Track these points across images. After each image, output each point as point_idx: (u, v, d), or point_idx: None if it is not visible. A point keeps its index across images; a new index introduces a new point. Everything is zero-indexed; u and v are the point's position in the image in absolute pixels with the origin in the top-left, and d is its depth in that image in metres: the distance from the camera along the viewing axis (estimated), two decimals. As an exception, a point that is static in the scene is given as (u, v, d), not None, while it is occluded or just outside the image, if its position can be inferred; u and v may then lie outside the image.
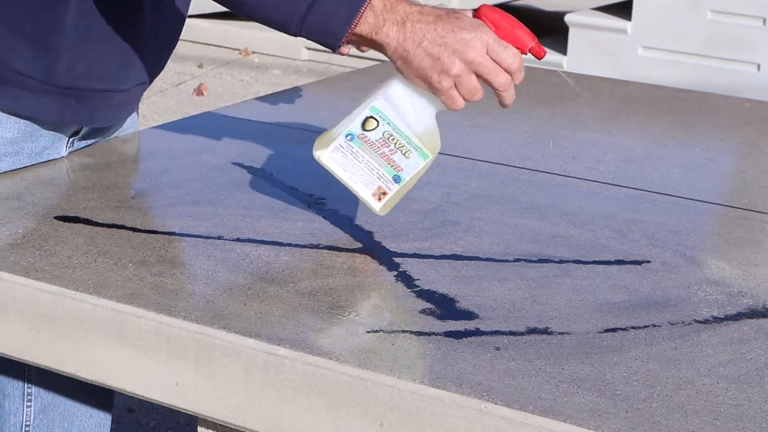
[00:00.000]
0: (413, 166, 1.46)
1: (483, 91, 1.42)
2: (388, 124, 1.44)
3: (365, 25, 1.39)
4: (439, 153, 1.91)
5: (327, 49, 1.58)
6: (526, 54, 1.43)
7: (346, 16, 1.39)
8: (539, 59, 1.45)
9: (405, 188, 1.48)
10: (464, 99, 1.41)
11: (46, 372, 1.40)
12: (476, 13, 1.42)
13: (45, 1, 1.54)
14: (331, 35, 1.41)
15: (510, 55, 1.40)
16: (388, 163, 1.45)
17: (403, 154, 1.45)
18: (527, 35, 1.44)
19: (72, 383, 1.46)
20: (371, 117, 1.44)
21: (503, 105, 1.44)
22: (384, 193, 1.46)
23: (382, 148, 1.45)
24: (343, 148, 1.45)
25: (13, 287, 1.34)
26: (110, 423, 1.73)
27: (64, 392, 1.64)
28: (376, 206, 1.48)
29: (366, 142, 1.45)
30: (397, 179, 1.46)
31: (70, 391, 1.64)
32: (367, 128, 1.44)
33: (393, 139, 1.44)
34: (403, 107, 1.45)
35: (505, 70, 1.40)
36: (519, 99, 2.33)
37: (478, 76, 1.40)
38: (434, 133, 1.47)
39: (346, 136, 1.45)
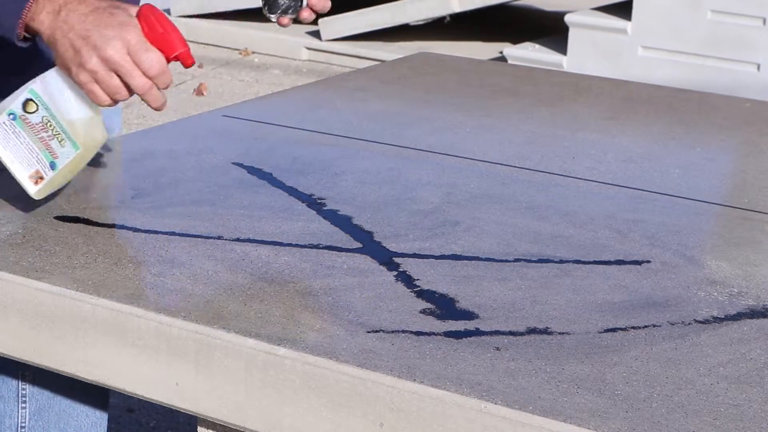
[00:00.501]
0: (66, 156, 1.47)
1: (126, 92, 1.41)
2: (46, 109, 1.45)
3: (29, 13, 1.40)
4: (440, 153, 1.92)
5: (326, 49, 1.59)
6: (171, 60, 1.42)
7: (14, 7, 1.40)
8: (186, 67, 1.45)
9: (61, 176, 1.48)
10: (108, 96, 1.41)
11: (41, 372, 1.40)
12: (138, 11, 1.43)
13: None
14: (3, 27, 1.42)
15: (149, 59, 1.39)
16: (47, 149, 1.45)
17: (59, 142, 1.45)
18: (179, 41, 1.43)
19: (68, 383, 1.46)
20: (30, 99, 1.45)
21: (152, 107, 1.43)
22: (41, 178, 1.46)
23: (41, 132, 1.45)
24: (6, 126, 1.45)
25: (13, 287, 1.34)
26: (107, 422, 1.73)
27: (60, 392, 1.64)
28: (32, 189, 1.47)
29: (27, 124, 1.45)
30: (53, 166, 1.46)
31: (66, 390, 1.64)
32: (28, 110, 1.45)
33: (51, 125, 1.45)
34: (58, 95, 1.45)
35: (144, 73, 1.39)
36: (519, 99, 2.33)
37: (119, 75, 1.40)
38: (94, 126, 1.48)
39: (9, 115, 1.45)
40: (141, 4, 1.47)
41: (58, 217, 1.51)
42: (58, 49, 1.40)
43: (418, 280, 1.39)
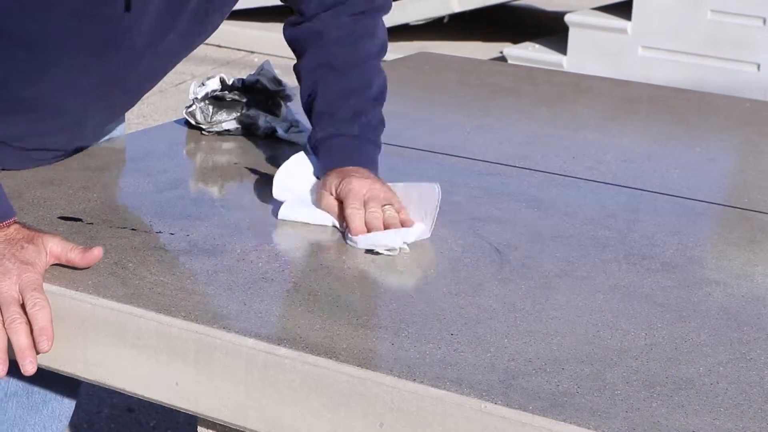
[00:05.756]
0: None
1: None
2: None
3: None
4: (440, 153, 1.92)
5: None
6: None
7: None
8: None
9: None
10: None
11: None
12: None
13: None
14: None
15: (34, 298, 1.30)
16: None
17: None
18: None
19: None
20: None
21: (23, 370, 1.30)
22: None
23: None
24: None
25: (13, 287, 1.33)
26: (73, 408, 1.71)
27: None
28: None
29: None
30: None
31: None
32: None
33: None
34: None
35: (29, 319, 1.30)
36: (519, 99, 2.33)
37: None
38: None
39: None
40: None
41: (58, 217, 1.51)
42: None
43: (418, 279, 1.39)
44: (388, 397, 1.14)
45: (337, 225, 1.51)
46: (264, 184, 1.69)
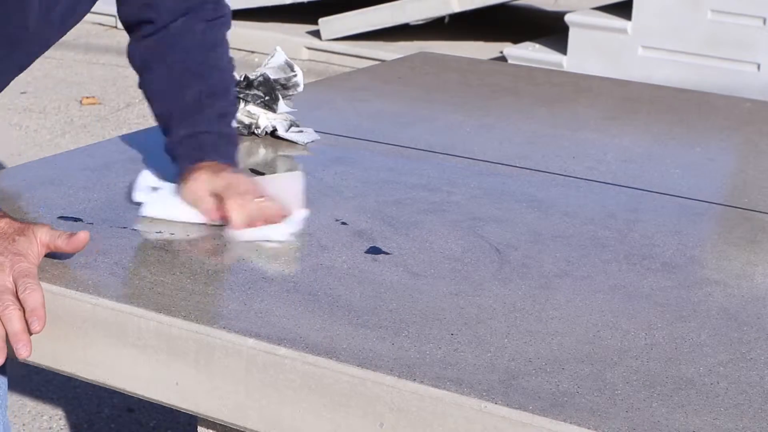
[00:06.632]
0: None
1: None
2: None
3: None
4: (440, 153, 1.92)
5: (326, 49, 1.60)
6: None
7: None
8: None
9: None
10: None
11: None
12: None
13: None
14: None
15: (25, 283, 1.30)
16: None
17: None
18: None
19: None
20: None
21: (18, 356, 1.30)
22: None
23: None
24: None
25: (13, 287, 1.33)
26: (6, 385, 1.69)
27: None
28: None
29: None
30: None
31: None
32: None
33: None
34: None
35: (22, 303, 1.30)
36: (519, 99, 2.34)
37: None
38: None
39: None
40: None
41: (58, 217, 1.51)
42: None
43: (418, 279, 1.39)
44: (388, 397, 1.15)
45: (205, 221, 1.52)
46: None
